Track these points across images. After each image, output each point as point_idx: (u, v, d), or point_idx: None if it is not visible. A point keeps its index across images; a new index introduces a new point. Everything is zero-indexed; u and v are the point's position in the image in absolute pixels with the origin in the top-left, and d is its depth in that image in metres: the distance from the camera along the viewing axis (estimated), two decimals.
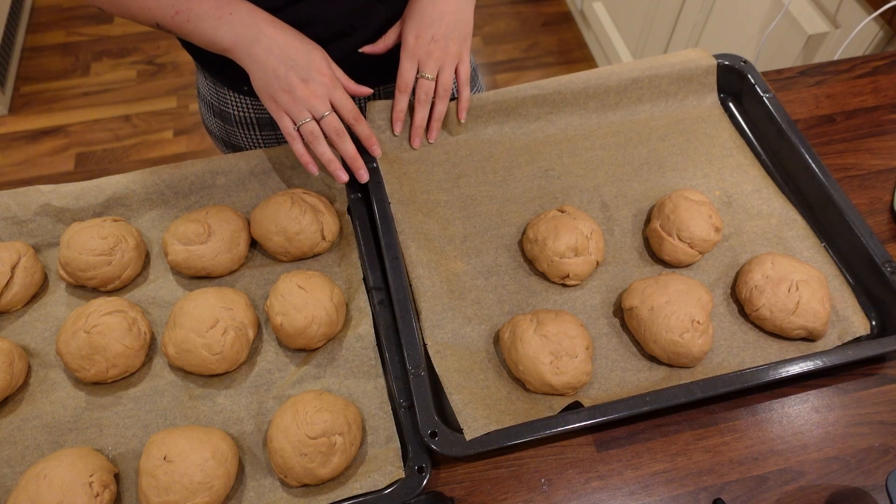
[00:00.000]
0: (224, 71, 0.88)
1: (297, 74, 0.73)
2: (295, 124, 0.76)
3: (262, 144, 0.99)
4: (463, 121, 0.87)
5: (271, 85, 0.74)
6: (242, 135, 0.98)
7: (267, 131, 0.97)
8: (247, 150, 1.01)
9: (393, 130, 0.86)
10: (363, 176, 0.80)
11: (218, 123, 0.99)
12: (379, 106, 0.86)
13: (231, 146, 1.01)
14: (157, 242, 0.82)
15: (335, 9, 0.81)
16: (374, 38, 0.85)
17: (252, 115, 0.95)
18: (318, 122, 0.76)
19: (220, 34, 0.73)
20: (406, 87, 0.82)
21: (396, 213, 0.81)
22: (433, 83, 0.82)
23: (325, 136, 0.77)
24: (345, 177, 0.79)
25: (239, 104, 0.94)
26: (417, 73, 0.82)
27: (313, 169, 0.78)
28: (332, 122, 0.76)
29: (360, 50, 0.84)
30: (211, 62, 0.89)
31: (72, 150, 2.23)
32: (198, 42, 0.76)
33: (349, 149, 0.78)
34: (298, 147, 0.77)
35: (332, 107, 0.76)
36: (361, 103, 0.96)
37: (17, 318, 0.77)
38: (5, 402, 0.71)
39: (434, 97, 0.84)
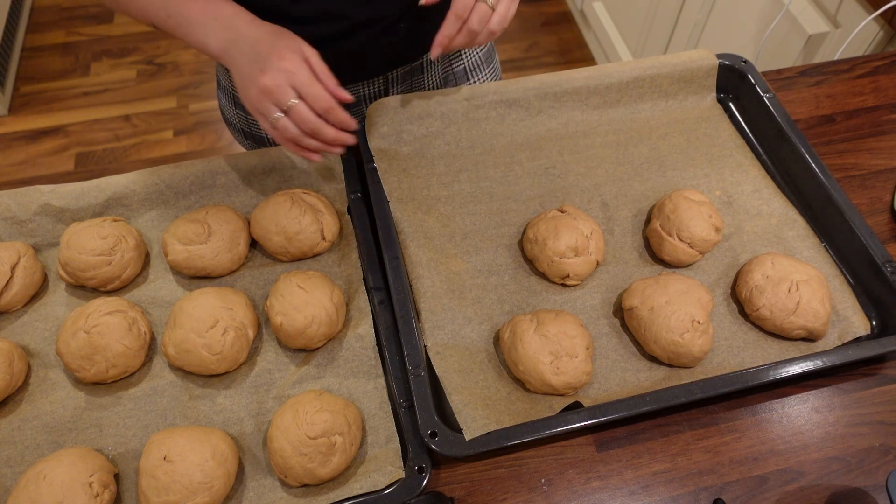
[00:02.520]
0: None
1: (258, 66, 0.68)
2: (269, 121, 0.70)
3: None
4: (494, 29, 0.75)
5: (244, 86, 0.70)
6: None
7: None
8: (267, 140, 0.99)
9: (430, 53, 0.76)
10: (349, 139, 0.73)
11: (239, 114, 0.98)
12: (382, 105, 0.86)
13: (252, 137, 1.00)
14: (157, 242, 0.82)
15: None
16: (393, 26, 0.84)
17: None
18: (286, 113, 0.70)
19: (207, 40, 0.71)
20: (464, 11, 0.73)
21: (396, 211, 0.81)
22: (490, 11, 0.74)
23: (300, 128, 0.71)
24: (316, 157, 0.74)
25: None
26: None
27: (313, 157, 0.73)
28: (299, 112, 0.69)
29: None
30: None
31: (72, 150, 2.23)
32: (193, 47, 0.75)
33: (327, 136, 0.71)
34: (284, 144, 0.73)
35: (299, 96, 0.69)
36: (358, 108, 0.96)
37: (17, 318, 0.77)
38: (5, 402, 0.71)
39: (487, 25, 0.76)
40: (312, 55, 0.70)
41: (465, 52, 1.01)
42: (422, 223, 0.81)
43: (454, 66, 1.02)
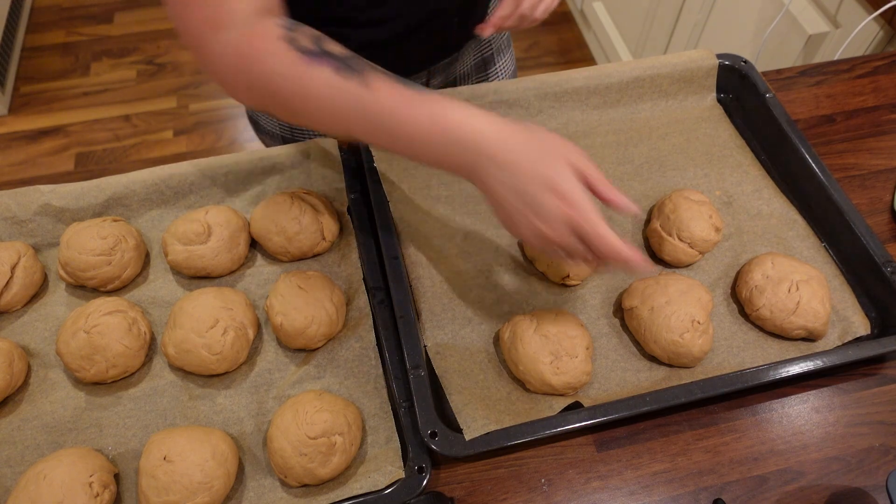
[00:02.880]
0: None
1: (531, 209, 0.56)
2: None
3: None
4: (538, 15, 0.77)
5: (511, 222, 0.59)
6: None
7: None
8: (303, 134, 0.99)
9: (483, 32, 0.75)
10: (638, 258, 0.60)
11: (276, 122, 0.98)
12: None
13: (293, 140, 0.99)
14: (157, 242, 0.82)
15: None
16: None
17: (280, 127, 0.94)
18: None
19: (433, 159, 0.58)
20: None
21: (396, 211, 0.81)
22: None
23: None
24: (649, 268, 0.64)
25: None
26: None
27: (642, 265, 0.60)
28: (586, 252, 0.59)
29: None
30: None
31: (72, 150, 2.23)
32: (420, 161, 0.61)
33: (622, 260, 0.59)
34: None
35: (577, 236, 0.58)
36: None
37: (17, 318, 0.77)
38: (5, 402, 0.71)
39: (535, 10, 0.76)
40: (586, 167, 0.58)
41: (493, 37, 1.02)
42: (422, 223, 0.81)
43: (484, 52, 1.03)
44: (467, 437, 0.64)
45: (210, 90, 2.41)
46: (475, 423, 0.65)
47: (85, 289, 0.78)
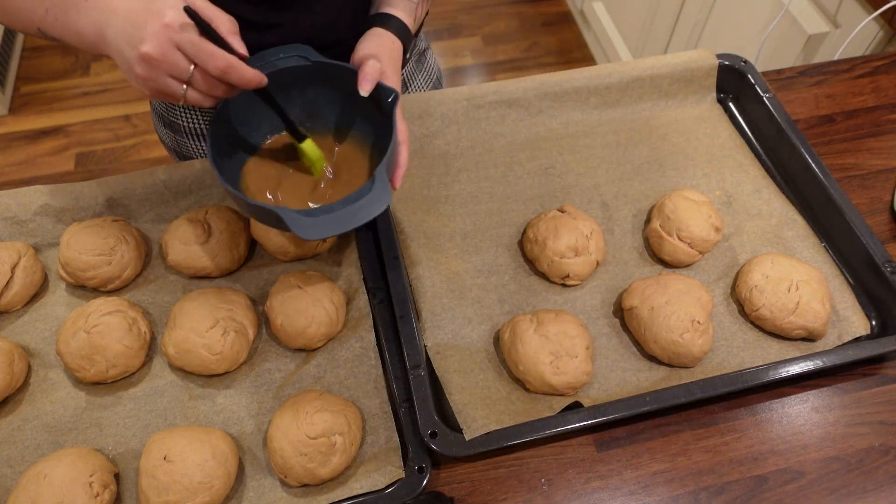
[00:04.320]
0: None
1: (138, 38, 0.55)
2: (179, 98, 0.59)
3: None
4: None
5: (129, 69, 0.58)
6: (193, 146, 0.95)
7: None
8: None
9: (395, 186, 0.66)
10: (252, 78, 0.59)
11: (168, 134, 0.97)
12: None
13: (183, 157, 0.99)
14: (157, 242, 0.82)
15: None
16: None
17: (201, 125, 0.92)
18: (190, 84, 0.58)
19: (81, 27, 0.59)
20: (407, 137, 0.68)
21: (396, 211, 0.81)
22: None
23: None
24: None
25: (187, 115, 0.92)
26: None
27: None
28: (202, 81, 0.58)
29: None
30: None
31: (72, 150, 2.23)
32: (74, 43, 0.62)
33: (234, 80, 0.58)
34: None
35: (188, 59, 0.56)
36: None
37: (17, 318, 0.77)
38: (5, 402, 0.71)
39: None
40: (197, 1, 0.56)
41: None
42: (422, 223, 0.81)
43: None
44: (467, 437, 0.64)
45: None
46: (475, 422, 0.65)
47: (85, 289, 0.78)
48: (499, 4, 2.75)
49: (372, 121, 0.70)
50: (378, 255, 0.78)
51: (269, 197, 0.69)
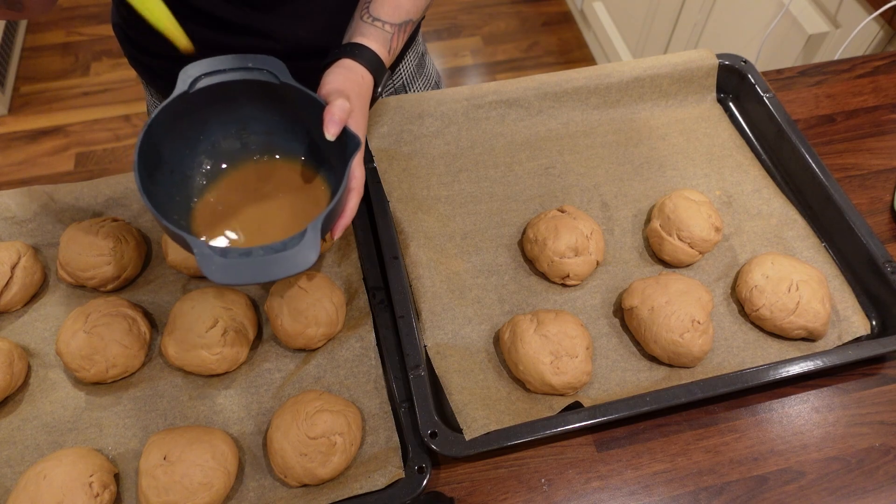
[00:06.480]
0: (171, 88, 0.70)
1: None
2: None
3: None
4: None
5: None
6: None
7: None
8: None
9: (334, 236, 0.62)
10: None
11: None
12: (382, 105, 0.86)
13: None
14: (157, 242, 0.82)
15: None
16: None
17: None
18: None
19: None
20: (361, 185, 0.63)
21: (396, 211, 0.81)
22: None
23: None
24: None
25: None
26: None
27: None
28: None
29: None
30: (158, 76, 0.87)
31: (72, 150, 2.23)
32: None
33: None
34: None
35: None
36: None
37: (17, 318, 0.77)
38: (5, 402, 0.71)
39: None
40: None
41: (397, 70, 0.97)
42: (422, 223, 0.81)
43: (386, 89, 0.95)
44: (467, 437, 0.64)
45: None
46: (475, 422, 0.65)
47: (85, 289, 0.78)
48: (499, 4, 2.75)
49: (330, 160, 0.65)
50: (378, 255, 0.78)
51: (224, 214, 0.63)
